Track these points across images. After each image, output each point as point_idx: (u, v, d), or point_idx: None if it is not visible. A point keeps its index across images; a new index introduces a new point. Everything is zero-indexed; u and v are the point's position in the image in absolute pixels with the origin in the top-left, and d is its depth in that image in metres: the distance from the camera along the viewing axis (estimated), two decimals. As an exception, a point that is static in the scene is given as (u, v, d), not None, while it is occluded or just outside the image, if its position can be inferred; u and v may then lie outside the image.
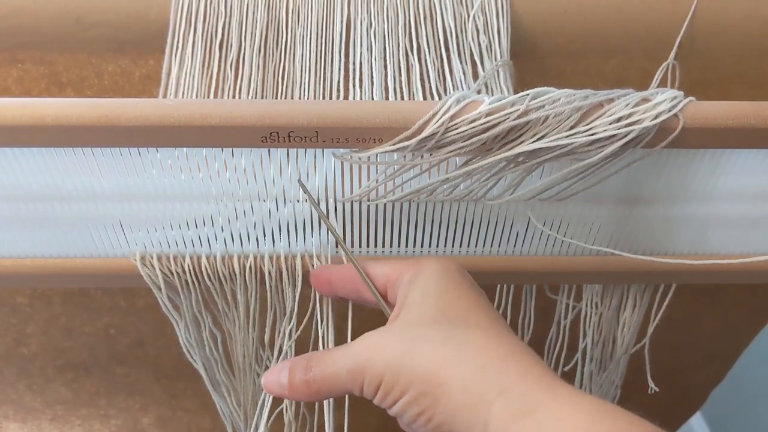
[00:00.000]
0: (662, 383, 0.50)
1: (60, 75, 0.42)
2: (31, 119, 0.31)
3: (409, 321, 0.32)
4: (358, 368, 0.31)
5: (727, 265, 0.42)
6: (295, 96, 0.41)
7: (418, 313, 0.32)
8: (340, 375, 0.32)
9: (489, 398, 0.28)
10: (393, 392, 0.30)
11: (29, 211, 0.38)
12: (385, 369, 0.30)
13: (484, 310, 0.33)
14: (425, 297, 0.33)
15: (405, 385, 0.30)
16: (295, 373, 0.33)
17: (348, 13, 0.42)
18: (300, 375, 0.33)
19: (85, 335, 0.55)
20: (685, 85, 0.44)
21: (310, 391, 0.33)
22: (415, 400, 0.29)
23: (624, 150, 0.33)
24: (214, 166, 0.36)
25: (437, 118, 0.32)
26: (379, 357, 0.31)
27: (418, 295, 0.33)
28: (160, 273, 0.40)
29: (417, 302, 0.33)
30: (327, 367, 0.32)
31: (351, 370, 0.31)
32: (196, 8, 0.41)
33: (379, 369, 0.30)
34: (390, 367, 0.30)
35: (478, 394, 0.28)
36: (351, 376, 0.31)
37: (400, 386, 0.30)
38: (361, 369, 0.31)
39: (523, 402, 0.28)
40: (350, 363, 0.31)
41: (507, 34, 0.42)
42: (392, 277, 0.35)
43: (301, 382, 0.33)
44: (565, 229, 0.41)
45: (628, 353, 0.48)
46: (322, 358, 0.33)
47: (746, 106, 0.33)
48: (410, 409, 0.30)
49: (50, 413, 0.65)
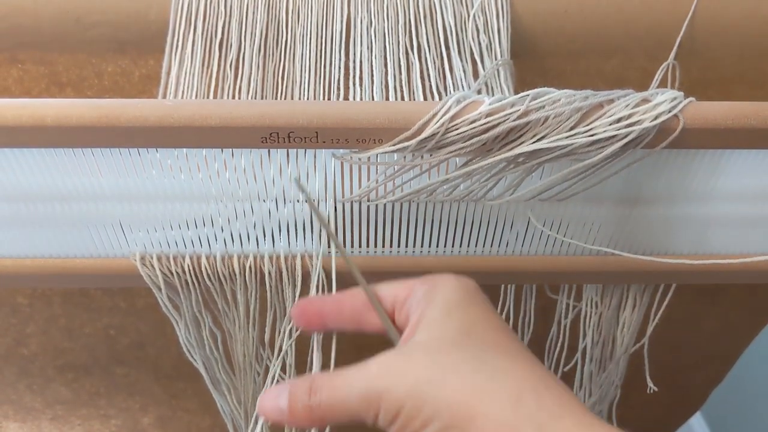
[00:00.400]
0: (662, 383, 0.50)
1: (60, 75, 0.42)
2: (31, 119, 0.31)
3: (430, 342, 0.29)
4: (374, 394, 0.28)
5: (727, 265, 0.42)
6: (295, 96, 0.41)
7: (441, 332, 0.29)
8: (350, 401, 0.29)
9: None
10: (414, 423, 0.27)
11: (29, 211, 0.38)
12: (407, 397, 0.27)
13: (509, 334, 0.30)
14: (447, 314, 0.30)
15: (429, 416, 0.27)
16: (296, 397, 0.30)
17: (348, 12, 0.42)
18: (303, 400, 0.30)
19: (85, 335, 0.55)
20: (685, 85, 0.44)
21: (313, 418, 0.30)
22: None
23: (624, 150, 0.33)
24: (214, 166, 0.36)
25: (437, 119, 0.32)
26: (401, 383, 0.28)
27: (438, 312, 0.30)
28: (160, 273, 0.40)
29: (437, 320, 0.30)
30: (336, 391, 0.29)
31: (365, 397, 0.28)
32: (196, 8, 0.41)
33: (400, 396, 0.27)
34: (413, 396, 0.27)
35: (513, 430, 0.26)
36: (364, 403, 0.28)
37: (422, 418, 0.27)
38: (377, 396, 0.28)
39: None
40: (364, 388, 0.28)
41: (507, 33, 0.42)
42: (401, 296, 0.32)
43: (303, 407, 0.30)
44: (565, 229, 0.41)
45: (627, 353, 0.48)
46: (329, 381, 0.30)
47: (746, 107, 0.33)
48: None
49: (50, 413, 0.65)
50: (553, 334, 0.49)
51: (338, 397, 0.29)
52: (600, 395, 0.51)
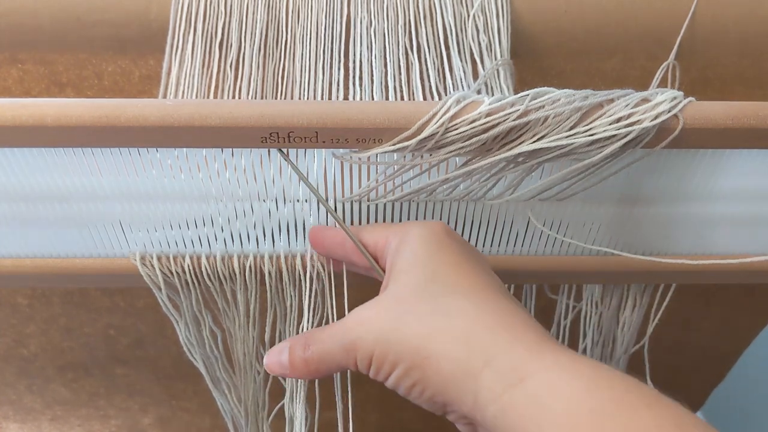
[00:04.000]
0: (662, 383, 0.50)
1: (60, 75, 0.42)
2: (31, 119, 0.31)
3: (396, 291, 0.31)
4: (350, 344, 0.31)
5: (727, 265, 0.42)
6: (295, 96, 0.41)
7: (406, 282, 0.31)
8: (334, 352, 0.31)
9: (475, 369, 0.27)
10: (384, 367, 0.30)
11: (29, 211, 0.38)
12: (375, 344, 0.30)
13: (475, 272, 0.32)
14: (412, 264, 0.32)
15: (394, 359, 0.29)
16: (294, 351, 0.33)
17: (348, 12, 0.42)
18: (299, 353, 0.33)
19: (85, 335, 0.55)
20: (685, 85, 0.44)
21: (309, 369, 0.33)
22: (406, 374, 0.29)
23: (624, 150, 0.33)
24: (214, 166, 0.36)
25: (437, 119, 0.32)
26: (369, 332, 0.30)
27: (405, 262, 0.32)
28: (160, 273, 0.40)
29: (404, 270, 0.32)
30: (322, 344, 0.32)
31: (343, 347, 0.31)
32: (196, 8, 0.41)
33: (370, 344, 0.30)
34: (379, 343, 0.30)
35: (463, 365, 0.28)
36: (344, 353, 0.31)
37: (390, 361, 0.30)
38: (353, 345, 0.31)
39: (512, 371, 0.27)
40: (342, 339, 0.31)
41: (507, 33, 0.42)
42: (380, 244, 0.35)
43: (300, 360, 0.33)
44: (565, 229, 0.41)
45: (627, 353, 0.48)
46: (318, 335, 0.33)
47: (746, 106, 0.33)
48: (403, 382, 0.30)
49: (50, 413, 0.65)
50: (553, 334, 0.49)
51: (325, 349, 0.32)
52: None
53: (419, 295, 0.31)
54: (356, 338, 0.31)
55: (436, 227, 0.34)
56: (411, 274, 0.32)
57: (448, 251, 0.32)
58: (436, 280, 0.31)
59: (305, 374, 0.33)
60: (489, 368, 0.27)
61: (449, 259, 0.32)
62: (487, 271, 0.33)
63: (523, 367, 0.27)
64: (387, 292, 0.32)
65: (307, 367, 0.33)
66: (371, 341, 0.30)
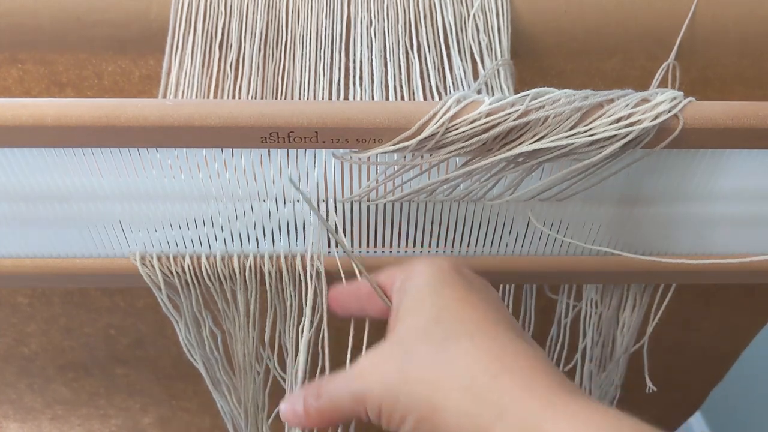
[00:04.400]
0: (662, 383, 0.50)
1: (60, 75, 0.42)
2: (31, 119, 0.31)
3: (401, 335, 0.30)
4: (359, 395, 0.30)
5: (727, 265, 0.41)
6: (295, 96, 0.41)
7: (411, 324, 0.30)
8: (344, 402, 0.30)
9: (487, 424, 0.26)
10: (394, 418, 0.29)
11: (29, 211, 0.38)
12: (383, 395, 0.29)
13: (483, 310, 0.31)
14: (417, 304, 0.31)
15: (404, 411, 0.28)
16: (308, 401, 0.32)
17: (348, 12, 0.42)
18: (312, 403, 0.31)
19: (85, 335, 0.55)
20: (685, 85, 0.44)
21: (323, 419, 0.31)
22: (417, 427, 0.28)
23: (624, 150, 0.33)
24: (214, 166, 0.36)
25: (437, 119, 0.32)
26: (375, 382, 0.29)
27: (410, 300, 0.31)
28: (160, 273, 0.40)
29: (410, 309, 0.31)
30: (333, 393, 0.31)
31: (353, 397, 0.30)
32: (196, 8, 0.41)
33: (377, 395, 0.29)
34: (387, 393, 0.29)
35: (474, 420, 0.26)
36: (354, 403, 0.30)
37: (399, 412, 0.28)
38: (362, 396, 0.29)
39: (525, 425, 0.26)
40: (351, 389, 0.30)
41: (507, 33, 0.42)
42: (387, 285, 0.34)
43: (314, 410, 0.31)
44: (565, 229, 0.41)
45: (627, 353, 0.48)
46: (328, 384, 0.31)
47: (746, 106, 0.33)
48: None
49: (50, 413, 0.65)
50: (553, 334, 0.49)
51: (335, 399, 0.31)
52: (600, 395, 0.51)
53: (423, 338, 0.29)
54: (364, 389, 0.29)
55: (443, 263, 0.33)
56: (416, 314, 0.30)
57: (455, 287, 0.31)
58: (440, 320, 0.30)
59: (320, 424, 0.31)
60: (501, 423, 0.26)
61: (456, 295, 0.31)
62: (497, 307, 0.32)
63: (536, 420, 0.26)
64: (392, 336, 0.31)
65: (320, 417, 0.31)
66: (379, 392, 0.29)
